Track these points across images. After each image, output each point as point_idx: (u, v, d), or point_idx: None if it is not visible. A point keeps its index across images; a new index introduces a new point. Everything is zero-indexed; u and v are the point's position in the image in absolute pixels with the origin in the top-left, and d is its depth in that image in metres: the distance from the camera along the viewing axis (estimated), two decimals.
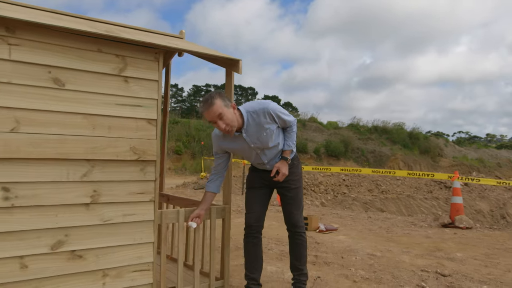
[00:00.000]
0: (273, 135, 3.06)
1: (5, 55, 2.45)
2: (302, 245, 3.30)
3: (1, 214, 2.44)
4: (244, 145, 3.09)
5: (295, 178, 3.23)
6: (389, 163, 29.44)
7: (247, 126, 3.02)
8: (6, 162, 2.46)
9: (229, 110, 2.90)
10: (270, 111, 2.99)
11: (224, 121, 2.86)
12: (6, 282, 2.45)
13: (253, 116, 3.00)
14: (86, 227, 2.72)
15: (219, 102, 2.85)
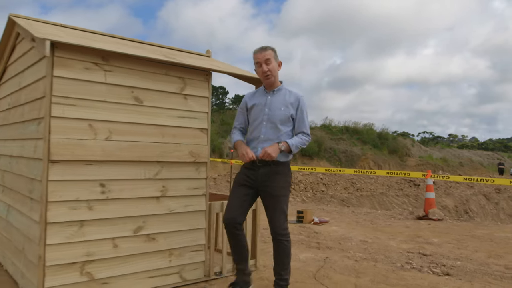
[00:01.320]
0: (285, 117, 3.20)
1: (102, 79, 3.12)
2: (285, 252, 3.21)
3: (99, 204, 3.10)
4: (262, 105, 3.26)
5: (280, 185, 3.19)
6: (360, 162, 30.76)
7: (277, 92, 3.28)
8: (103, 164, 3.12)
9: (276, 63, 3.24)
10: (300, 100, 3.24)
11: (268, 66, 3.17)
12: (103, 258, 3.12)
13: (287, 91, 3.28)
14: (157, 216, 3.41)
15: (272, 53, 3.21)
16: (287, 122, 3.22)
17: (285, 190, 3.22)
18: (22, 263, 3.26)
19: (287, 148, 3.15)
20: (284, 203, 3.22)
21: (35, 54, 3.20)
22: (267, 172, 3.18)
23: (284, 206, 3.21)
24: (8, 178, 3.85)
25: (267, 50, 3.19)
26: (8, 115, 3.94)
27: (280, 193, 3.18)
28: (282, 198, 3.20)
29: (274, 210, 3.18)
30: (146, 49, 3.56)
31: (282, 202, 3.19)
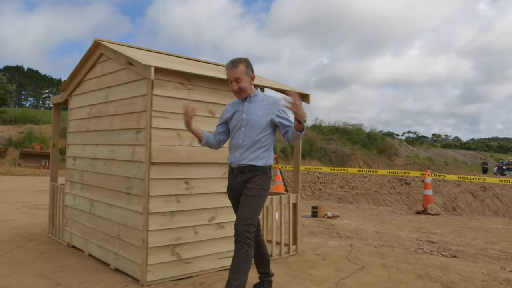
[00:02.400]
0: (264, 122, 3.17)
1: (186, 96, 3.83)
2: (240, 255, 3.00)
3: (184, 198, 3.82)
4: (240, 112, 3.25)
5: (255, 187, 3.11)
6: (350, 162, 31.75)
7: (253, 98, 3.25)
8: (187, 165, 3.84)
9: (247, 78, 3.18)
10: (278, 103, 3.23)
11: (238, 85, 3.16)
12: (187, 242, 3.83)
13: (265, 97, 3.30)
14: (225, 208, 4.13)
15: (242, 69, 3.13)
16: (265, 126, 3.18)
17: (257, 192, 3.11)
18: (117, 247, 3.95)
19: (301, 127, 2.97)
20: (254, 205, 3.08)
21: (128, 75, 3.89)
22: (244, 179, 3.17)
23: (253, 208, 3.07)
24: (89, 177, 4.52)
25: (238, 67, 3.13)
26: (88, 123, 4.61)
27: (252, 193, 3.09)
28: (253, 199, 3.09)
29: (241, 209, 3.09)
30: (213, 69, 4.29)
31: (251, 202, 3.08)
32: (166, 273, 3.68)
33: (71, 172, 4.94)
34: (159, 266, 3.64)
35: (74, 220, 4.80)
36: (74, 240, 4.81)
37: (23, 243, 5.10)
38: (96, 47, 4.39)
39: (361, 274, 4.13)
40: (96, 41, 4.34)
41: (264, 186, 3.18)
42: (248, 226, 3.01)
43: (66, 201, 5.02)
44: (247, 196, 3.11)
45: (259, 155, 3.18)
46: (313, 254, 4.90)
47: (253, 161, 3.15)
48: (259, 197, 3.13)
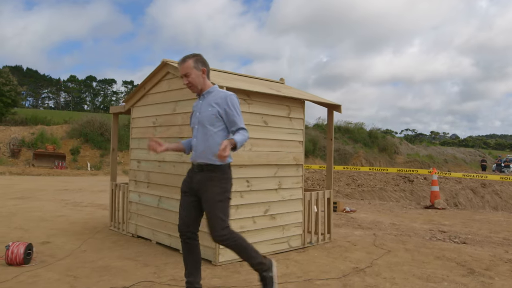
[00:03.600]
0: (212, 116, 3.16)
1: (246, 109, 4.64)
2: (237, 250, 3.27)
3: (246, 194, 4.63)
4: (195, 110, 3.33)
5: (214, 192, 3.15)
6: (353, 160, 32.65)
7: (207, 95, 3.27)
8: (248, 166, 4.65)
9: (197, 72, 3.21)
10: (228, 98, 3.19)
11: (188, 79, 3.22)
12: (248, 230, 4.64)
13: (218, 92, 3.27)
14: (276, 202, 4.95)
15: (191, 63, 3.20)
16: (215, 122, 3.17)
17: (220, 196, 3.15)
18: None
19: (234, 144, 2.97)
20: (219, 209, 3.14)
21: None
22: (202, 178, 3.19)
23: (220, 214, 3.14)
24: (157, 177, 5.32)
25: (186, 62, 3.21)
26: (154, 131, 5.41)
27: (215, 200, 3.14)
28: (218, 205, 3.14)
29: (209, 217, 3.16)
30: (265, 85, 5.10)
31: (217, 209, 3.14)
32: (232, 255, 4.48)
33: (136, 172, 5.74)
34: (227, 250, 4.44)
35: (140, 214, 5.61)
36: (140, 231, 5.61)
37: (92, 234, 5.90)
38: (163, 66, 5.19)
39: (389, 256, 4.96)
40: (163, 61, 5.15)
41: (223, 188, 3.19)
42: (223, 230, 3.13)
43: (130, 198, 5.82)
44: (210, 204, 3.15)
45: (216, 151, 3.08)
46: (345, 241, 5.73)
47: (211, 160, 3.14)
48: (222, 201, 3.16)
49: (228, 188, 3.25)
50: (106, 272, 4.08)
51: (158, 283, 3.79)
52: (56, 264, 4.34)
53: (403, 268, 4.46)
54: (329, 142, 5.96)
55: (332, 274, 4.17)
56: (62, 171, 22.48)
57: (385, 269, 4.40)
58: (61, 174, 21.46)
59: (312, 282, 3.92)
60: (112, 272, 4.09)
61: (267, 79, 5.98)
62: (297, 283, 3.88)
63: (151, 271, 4.17)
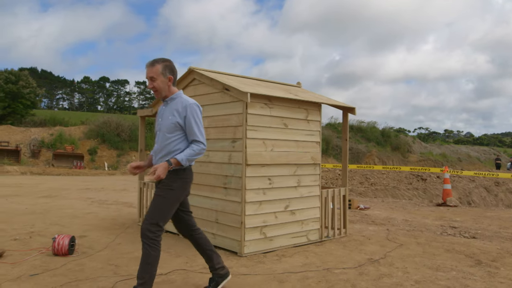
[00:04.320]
0: (171, 125, 3.20)
1: (268, 113, 5.03)
2: (144, 256, 3.12)
3: (268, 191, 5.02)
4: (158, 116, 3.39)
5: (162, 187, 3.19)
6: (366, 159, 32.82)
7: (170, 101, 3.30)
8: (270, 166, 5.04)
9: (163, 79, 3.22)
10: (188, 107, 3.20)
11: (153, 84, 3.22)
12: (270, 224, 5.03)
13: (180, 100, 3.27)
14: (296, 198, 5.33)
15: (159, 69, 3.20)
16: (174, 130, 3.20)
17: (163, 191, 3.18)
18: (215, 229, 5.16)
19: (176, 163, 3.10)
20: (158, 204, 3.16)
21: (222, 97, 5.10)
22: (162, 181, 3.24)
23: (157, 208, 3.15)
24: None
25: (155, 66, 3.21)
26: None
27: (158, 193, 3.21)
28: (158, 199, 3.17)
29: (150, 209, 3.20)
30: (284, 90, 5.49)
31: (156, 202, 3.17)
32: (256, 247, 4.89)
33: None
34: (252, 242, 4.85)
35: None
36: (168, 226, 6.03)
37: (123, 229, 6.35)
38: (189, 72, 5.61)
39: (401, 249, 5.31)
40: (190, 68, 5.56)
41: (172, 186, 3.18)
42: (151, 225, 3.09)
43: None
44: (155, 196, 3.21)
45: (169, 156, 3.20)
46: (359, 235, 6.09)
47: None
48: (165, 197, 3.15)
49: (174, 186, 3.20)
50: None
51: (191, 271, 4.20)
52: (96, 255, 4.79)
53: (414, 259, 4.81)
54: (344, 143, 6.32)
55: (349, 264, 4.54)
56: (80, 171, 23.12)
57: (398, 260, 4.76)
58: (79, 174, 22.10)
59: (331, 270, 4.29)
60: None
61: (285, 83, 6.37)
62: (317, 271, 4.26)
63: (183, 261, 4.59)
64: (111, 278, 3.94)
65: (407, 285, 3.87)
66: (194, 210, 5.43)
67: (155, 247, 3.13)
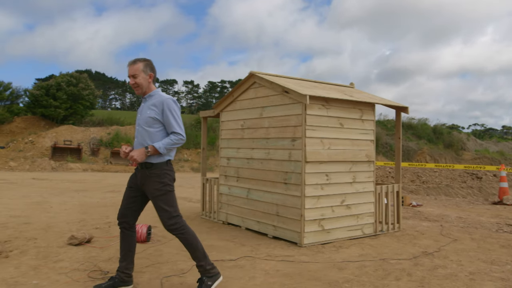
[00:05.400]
0: (149, 119, 3.37)
1: (325, 113, 5.37)
2: (185, 243, 3.44)
3: (325, 186, 5.36)
4: (138, 113, 3.56)
5: (154, 188, 3.36)
6: (417, 157, 32.13)
7: (148, 98, 3.48)
8: (327, 163, 5.38)
9: (144, 76, 3.43)
10: (164, 102, 3.36)
11: (135, 80, 3.40)
12: (328, 217, 5.37)
13: (158, 96, 3.45)
14: (351, 193, 5.63)
15: (140, 66, 3.41)
16: (152, 124, 3.37)
17: (160, 191, 3.35)
18: (275, 221, 5.57)
19: (154, 150, 3.29)
20: (163, 202, 3.36)
21: (282, 99, 5.49)
22: (143, 175, 3.40)
23: (165, 206, 3.36)
24: (245, 172, 6.19)
25: (136, 64, 3.42)
26: (242, 132, 6.28)
27: (156, 194, 3.36)
28: (160, 198, 3.35)
29: (157, 210, 3.41)
30: (339, 91, 5.80)
31: (160, 202, 3.35)
32: (315, 239, 5.25)
33: (225, 168, 6.66)
34: (311, 234, 5.22)
35: (230, 204, 6.52)
36: (230, 219, 6.53)
37: (188, 221, 6.88)
38: (250, 76, 6.05)
39: (455, 244, 5.48)
40: (251, 73, 6.00)
41: (162, 183, 3.38)
42: (170, 220, 3.37)
43: (221, 190, 6.75)
44: (154, 198, 3.38)
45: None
46: (413, 231, 6.29)
47: (148, 159, 3.36)
48: (164, 194, 3.37)
49: (167, 181, 3.40)
50: (213, 249, 4.99)
51: (257, 258, 4.63)
52: (170, 243, 5.33)
53: (469, 253, 4.99)
54: (397, 141, 6.53)
55: (404, 256, 4.80)
56: None
57: (452, 253, 4.95)
58: None
59: (387, 261, 4.58)
60: (218, 249, 4.99)
61: (339, 84, 6.67)
62: (374, 261, 4.56)
63: (248, 249, 5.03)
64: (187, 262, 4.44)
65: (462, 276, 4.09)
66: (256, 204, 5.88)
67: (186, 231, 3.43)
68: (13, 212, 7.47)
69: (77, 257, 4.58)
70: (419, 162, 31.38)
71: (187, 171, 25.14)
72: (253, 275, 4.01)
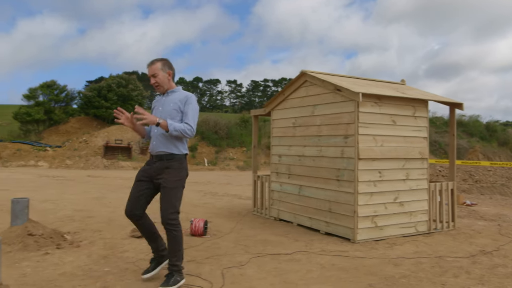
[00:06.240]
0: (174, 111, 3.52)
1: (377, 110, 5.39)
2: (173, 240, 3.45)
3: (378, 183, 5.38)
4: (158, 105, 3.67)
5: (172, 179, 3.43)
6: (468, 155, 30.92)
7: (170, 94, 3.63)
8: (380, 160, 5.40)
9: (164, 74, 3.59)
10: (188, 98, 3.55)
11: (155, 79, 3.57)
12: (380, 214, 5.38)
13: (180, 93, 3.63)
14: (404, 191, 5.62)
15: (158, 66, 3.57)
16: (174, 116, 3.51)
17: (175, 184, 3.43)
18: (328, 217, 5.65)
19: (164, 124, 3.36)
20: (174, 196, 3.42)
21: (334, 97, 5.55)
22: (161, 166, 3.49)
23: (173, 199, 3.41)
24: (297, 169, 6.30)
25: (154, 64, 3.58)
26: (293, 130, 6.40)
27: (170, 186, 3.41)
28: (173, 191, 3.42)
29: (163, 201, 3.44)
30: (391, 88, 5.80)
31: (171, 194, 3.41)
32: (368, 235, 5.29)
33: (277, 165, 6.80)
34: (364, 230, 5.26)
35: (282, 201, 6.66)
36: (282, 215, 6.67)
37: (241, 217, 7.11)
38: (301, 75, 6.15)
39: None
40: (302, 71, 6.10)
41: (179, 177, 3.48)
42: (172, 214, 3.42)
43: (272, 187, 6.91)
44: (166, 188, 3.43)
45: (173, 143, 3.50)
46: (468, 229, 6.17)
47: (169, 149, 3.48)
48: (177, 188, 3.44)
49: (183, 176, 3.53)
50: (268, 244, 5.15)
51: (311, 252, 4.74)
52: (225, 237, 5.54)
53: None
54: (451, 138, 6.42)
55: (460, 254, 4.75)
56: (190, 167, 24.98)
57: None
58: None
59: (443, 258, 4.55)
60: (272, 244, 5.15)
61: (390, 82, 6.64)
62: (430, 258, 4.55)
63: (302, 244, 5.15)
64: (245, 255, 4.62)
65: None
66: (308, 200, 5.98)
67: (180, 229, 3.49)
68: (76, 207, 7.98)
69: (140, 248, 4.88)
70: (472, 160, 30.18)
71: (233, 169, 25.56)
72: (309, 269, 4.12)
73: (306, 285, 3.67)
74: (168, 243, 3.51)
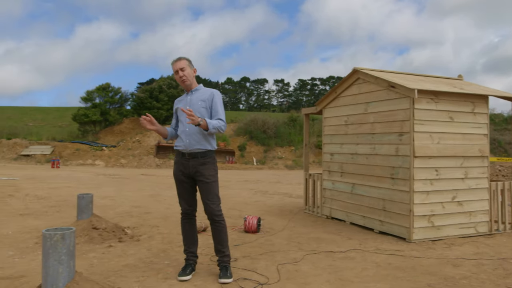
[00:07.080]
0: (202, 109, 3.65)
1: (434, 107, 5.25)
2: (222, 231, 3.70)
3: (435, 182, 5.24)
4: (184, 104, 3.74)
5: (210, 173, 3.63)
6: None
7: (195, 91, 3.76)
8: (436, 158, 5.25)
9: (190, 70, 3.75)
10: (214, 94, 3.72)
11: (183, 72, 3.68)
12: (438, 214, 5.24)
13: (205, 90, 3.78)
14: (463, 190, 5.43)
15: (186, 62, 3.73)
16: (204, 113, 3.63)
17: (214, 177, 3.65)
18: (382, 216, 5.57)
19: (205, 124, 3.46)
20: (216, 188, 3.66)
21: (388, 94, 5.47)
22: (197, 163, 3.62)
23: (216, 191, 3.66)
24: (350, 167, 6.26)
25: (181, 60, 3.73)
26: (346, 128, 6.36)
27: (211, 180, 3.63)
28: (214, 184, 3.65)
29: (208, 195, 3.62)
30: (447, 83, 5.63)
31: (214, 187, 3.64)
32: (424, 234, 5.17)
33: (329, 164, 6.79)
34: (420, 229, 5.14)
35: (334, 199, 6.63)
36: (334, 213, 6.64)
37: (292, 215, 7.15)
38: (354, 72, 6.10)
39: None
40: (354, 69, 6.06)
41: (215, 170, 3.70)
42: (218, 206, 3.66)
43: (324, 185, 6.90)
44: (208, 183, 3.61)
45: (208, 140, 3.65)
46: None
47: (204, 146, 3.62)
48: (216, 181, 3.67)
49: (217, 170, 3.75)
50: (321, 241, 5.17)
51: (366, 251, 4.71)
52: (278, 234, 5.61)
53: None
54: None
55: None
56: (232, 165, 25.37)
57: None
58: (231, 168, 24.31)
59: (507, 260, 4.37)
60: (326, 242, 5.16)
61: (446, 77, 6.44)
62: (492, 260, 4.38)
63: (356, 242, 5.12)
64: (298, 252, 4.66)
65: None
66: (361, 199, 5.93)
67: (224, 220, 3.75)
68: (134, 203, 8.36)
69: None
70: None
71: (281, 168, 25.62)
72: (364, 267, 4.10)
73: (362, 282, 3.66)
74: (217, 235, 3.71)
